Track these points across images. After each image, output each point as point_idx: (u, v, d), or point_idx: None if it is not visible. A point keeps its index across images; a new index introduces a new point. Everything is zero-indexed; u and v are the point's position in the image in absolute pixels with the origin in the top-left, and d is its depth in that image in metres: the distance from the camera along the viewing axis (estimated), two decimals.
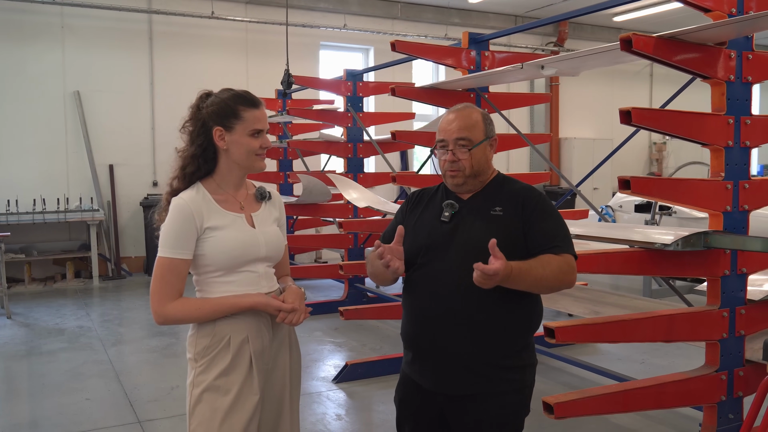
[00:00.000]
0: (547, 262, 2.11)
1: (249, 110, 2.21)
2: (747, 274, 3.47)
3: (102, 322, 7.00)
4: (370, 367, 5.17)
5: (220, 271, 2.20)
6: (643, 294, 7.55)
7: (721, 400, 3.43)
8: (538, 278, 2.08)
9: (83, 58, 9.63)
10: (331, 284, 8.90)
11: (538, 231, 2.18)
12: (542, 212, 2.21)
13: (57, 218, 9.02)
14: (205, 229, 2.17)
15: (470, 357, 2.16)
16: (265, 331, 2.23)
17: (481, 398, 2.18)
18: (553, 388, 4.82)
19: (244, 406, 2.16)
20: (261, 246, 2.25)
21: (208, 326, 2.18)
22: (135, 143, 9.95)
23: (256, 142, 2.22)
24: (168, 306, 2.13)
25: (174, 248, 2.15)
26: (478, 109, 2.35)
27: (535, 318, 2.27)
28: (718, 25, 3.03)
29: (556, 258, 2.13)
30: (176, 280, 2.15)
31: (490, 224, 2.19)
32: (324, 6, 11.23)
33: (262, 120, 2.23)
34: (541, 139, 8.21)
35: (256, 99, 2.26)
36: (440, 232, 2.24)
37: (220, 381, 2.16)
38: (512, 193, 2.26)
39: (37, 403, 4.64)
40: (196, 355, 2.20)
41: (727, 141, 3.32)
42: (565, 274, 2.14)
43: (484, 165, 2.28)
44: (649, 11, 12.07)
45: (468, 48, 5.15)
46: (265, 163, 2.30)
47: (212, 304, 2.17)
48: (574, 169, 13.12)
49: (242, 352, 2.18)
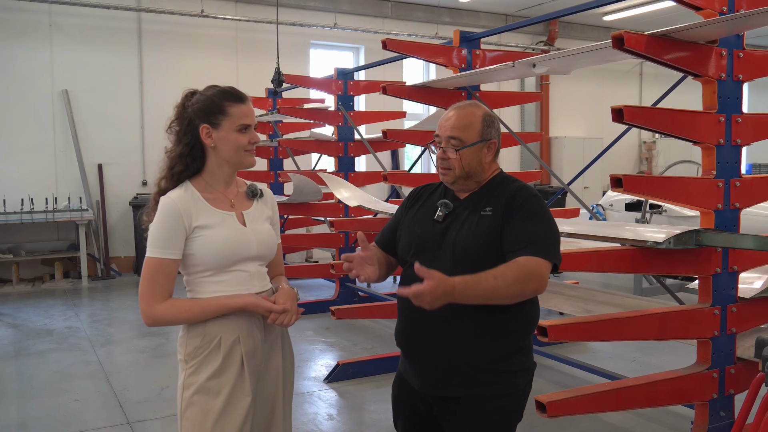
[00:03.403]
0: (501, 273, 1.96)
1: (235, 106, 2.17)
2: (738, 272, 3.47)
3: (91, 322, 6.94)
4: (361, 366, 5.15)
5: (210, 271, 2.17)
6: (635, 292, 7.58)
7: (713, 397, 3.43)
8: (489, 290, 1.94)
9: (71, 57, 9.56)
10: (322, 284, 8.87)
11: (510, 231, 2.08)
12: (523, 212, 2.10)
13: (45, 218, 8.94)
14: (194, 228, 2.14)
15: (457, 359, 2.12)
16: (256, 331, 2.20)
17: (468, 401, 2.14)
18: (545, 386, 4.82)
19: (236, 408, 2.13)
20: (252, 245, 2.21)
21: (198, 327, 2.16)
22: (124, 142, 9.88)
23: (244, 137, 2.18)
24: (157, 307, 2.10)
25: (162, 248, 2.12)
26: (482, 109, 2.26)
27: (527, 321, 2.20)
28: (709, 23, 3.03)
29: (515, 265, 1.99)
30: (165, 281, 2.12)
31: (479, 225, 2.14)
32: (314, 5, 11.20)
33: (249, 115, 2.20)
34: (532, 138, 8.23)
35: (242, 94, 2.22)
36: (432, 232, 2.21)
37: (212, 383, 2.13)
38: (504, 192, 2.19)
39: (25, 405, 4.59)
40: (187, 357, 2.17)
41: (718, 139, 3.33)
42: (524, 282, 1.98)
43: (476, 167, 2.21)
44: (639, 10, 12.12)
45: (459, 46, 5.14)
46: (254, 158, 2.26)
47: (202, 305, 2.14)
48: (565, 167, 13.15)
49: (233, 353, 2.15)
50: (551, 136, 13.80)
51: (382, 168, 6.33)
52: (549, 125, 13.77)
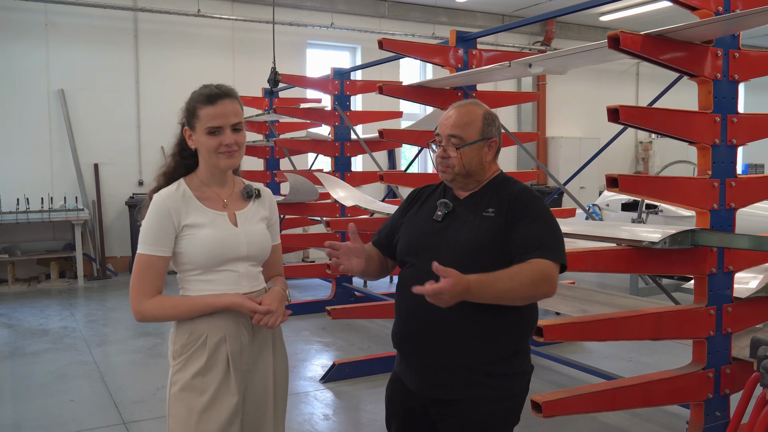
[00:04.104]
0: (516, 273, 1.97)
1: (204, 108, 2.14)
2: (734, 272, 3.48)
3: (87, 322, 6.93)
4: (357, 366, 5.14)
5: (199, 270, 2.18)
6: (631, 292, 7.59)
7: (708, 397, 3.43)
8: (503, 290, 1.96)
9: (67, 56, 9.54)
10: (319, 283, 8.87)
11: (519, 235, 2.07)
12: (529, 215, 2.10)
13: (41, 218, 8.92)
14: (183, 227, 2.15)
15: (454, 362, 2.11)
16: (244, 331, 2.20)
17: (465, 403, 2.12)
18: (541, 386, 4.82)
19: (221, 407, 2.13)
20: (241, 245, 2.21)
21: (186, 324, 2.17)
22: (120, 142, 9.86)
23: (213, 140, 2.14)
24: (145, 303, 2.13)
25: (151, 245, 2.14)
26: (483, 108, 2.25)
27: (525, 324, 2.19)
28: (704, 23, 3.03)
29: (529, 266, 2.00)
30: (153, 277, 2.13)
31: (480, 225, 2.13)
32: (311, 4, 11.19)
33: (218, 117, 2.13)
34: (529, 138, 8.17)
35: (215, 94, 2.15)
36: (431, 231, 2.20)
37: (197, 380, 2.13)
38: (507, 194, 2.17)
39: (20, 405, 4.58)
40: (174, 353, 2.19)
41: (713, 139, 3.33)
42: (537, 285, 1.99)
43: (476, 166, 2.20)
44: (636, 11, 12.13)
45: (456, 46, 5.14)
46: (231, 160, 2.19)
47: (188, 303, 2.15)
48: (561, 168, 13.16)
49: (218, 352, 2.15)
50: (548, 136, 13.81)
51: (379, 168, 6.32)
52: (546, 125, 13.78)
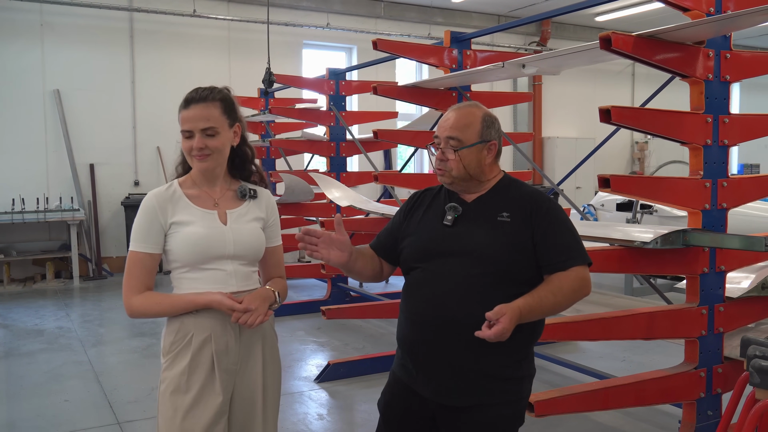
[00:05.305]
0: (558, 288, 2.05)
1: (181, 111, 2.20)
2: (725, 272, 3.50)
3: (82, 322, 6.92)
4: (352, 366, 5.15)
5: (186, 267, 2.21)
6: (625, 292, 7.61)
7: (700, 397, 3.45)
8: (551, 307, 2.05)
9: (63, 56, 9.53)
10: (314, 283, 8.87)
11: (551, 246, 2.10)
12: (554, 222, 2.13)
13: (36, 218, 8.90)
14: (170, 224, 2.19)
15: (470, 368, 2.08)
16: (230, 330, 2.19)
17: (477, 409, 2.10)
18: (535, 386, 4.78)
19: (205, 407, 2.14)
20: (228, 243, 2.21)
21: (175, 323, 2.19)
22: (116, 142, 9.85)
23: (186, 143, 2.20)
24: (133, 299, 2.18)
25: (140, 242, 2.19)
26: (482, 110, 2.23)
27: (538, 327, 2.20)
28: (696, 24, 3.05)
29: (568, 277, 2.07)
30: (142, 274, 2.18)
31: (496, 230, 2.11)
32: (307, 5, 11.19)
33: (188, 121, 2.16)
34: (524, 138, 8.23)
35: (190, 99, 2.17)
36: (442, 236, 2.17)
37: (182, 379, 2.15)
38: (520, 197, 2.16)
39: (15, 405, 4.58)
40: (163, 351, 2.22)
41: (705, 139, 3.34)
42: (577, 292, 2.08)
43: (476, 168, 2.17)
44: (631, 11, 12.16)
45: (450, 47, 5.15)
46: (205, 164, 2.19)
47: (171, 300, 2.18)
48: (557, 168, 13.18)
49: (203, 351, 2.16)
50: (544, 137, 13.83)
51: (374, 168, 6.33)
52: (541, 125, 13.80)
